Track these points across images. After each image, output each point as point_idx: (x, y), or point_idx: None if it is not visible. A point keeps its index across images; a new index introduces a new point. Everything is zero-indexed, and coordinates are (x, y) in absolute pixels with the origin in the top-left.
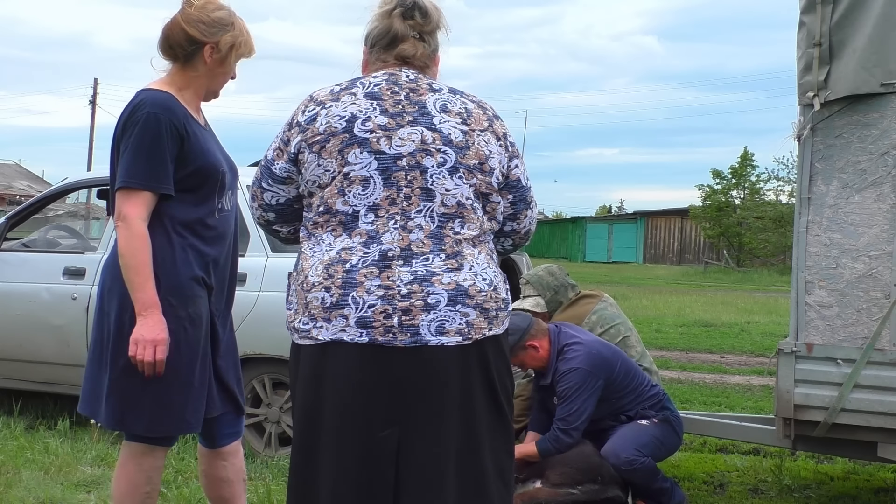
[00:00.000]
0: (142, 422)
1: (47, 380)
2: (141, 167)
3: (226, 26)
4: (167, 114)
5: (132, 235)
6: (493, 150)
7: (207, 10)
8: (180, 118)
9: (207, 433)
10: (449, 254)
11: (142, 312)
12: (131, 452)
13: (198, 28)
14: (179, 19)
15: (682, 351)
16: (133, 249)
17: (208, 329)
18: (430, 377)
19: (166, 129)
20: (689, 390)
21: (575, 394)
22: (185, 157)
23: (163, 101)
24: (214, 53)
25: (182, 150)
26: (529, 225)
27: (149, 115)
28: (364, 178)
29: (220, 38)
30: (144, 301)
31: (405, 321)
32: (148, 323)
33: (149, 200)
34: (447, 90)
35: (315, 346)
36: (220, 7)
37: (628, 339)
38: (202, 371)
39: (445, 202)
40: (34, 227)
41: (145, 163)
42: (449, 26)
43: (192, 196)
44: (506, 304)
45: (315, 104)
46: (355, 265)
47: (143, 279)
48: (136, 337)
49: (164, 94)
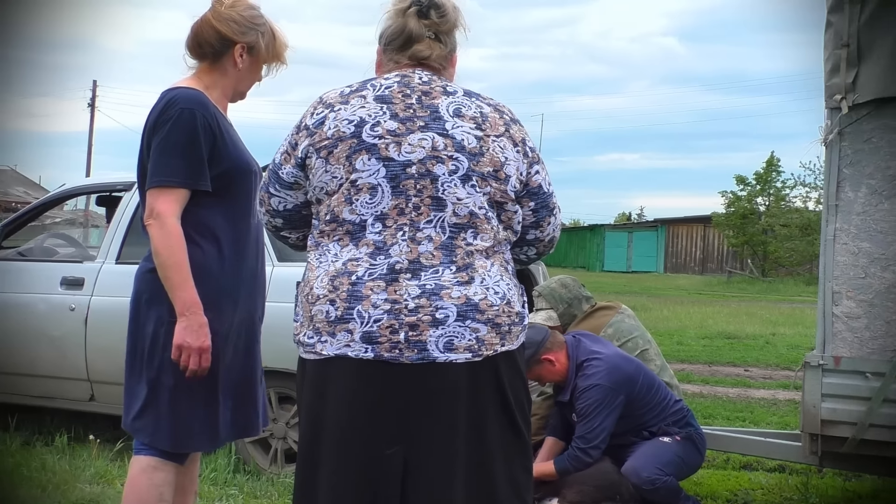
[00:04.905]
0: (170, 437)
1: (44, 394)
2: (175, 164)
3: (257, 26)
4: (201, 109)
5: (167, 233)
6: (510, 156)
7: (239, 8)
8: (213, 115)
9: None
10: (460, 266)
11: (184, 313)
12: (142, 467)
13: (229, 26)
14: (210, 17)
15: (704, 364)
16: (170, 247)
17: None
18: (438, 395)
19: (201, 126)
20: (711, 405)
21: (595, 411)
22: (216, 156)
23: (195, 98)
24: (244, 53)
25: (214, 148)
26: (553, 232)
27: (182, 111)
28: (372, 185)
29: (250, 37)
30: (185, 300)
31: (412, 337)
32: (192, 326)
33: (182, 198)
34: (462, 93)
35: (319, 361)
36: (251, 7)
37: (647, 353)
38: (231, 388)
39: (457, 212)
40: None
41: (180, 159)
42: (467, 25)
43: (223, 200)
44: (520, 318)
45: (324, 107)
46: (361, 277)
47: (183, 277)
48: (181, 342)
49: (196, 91)
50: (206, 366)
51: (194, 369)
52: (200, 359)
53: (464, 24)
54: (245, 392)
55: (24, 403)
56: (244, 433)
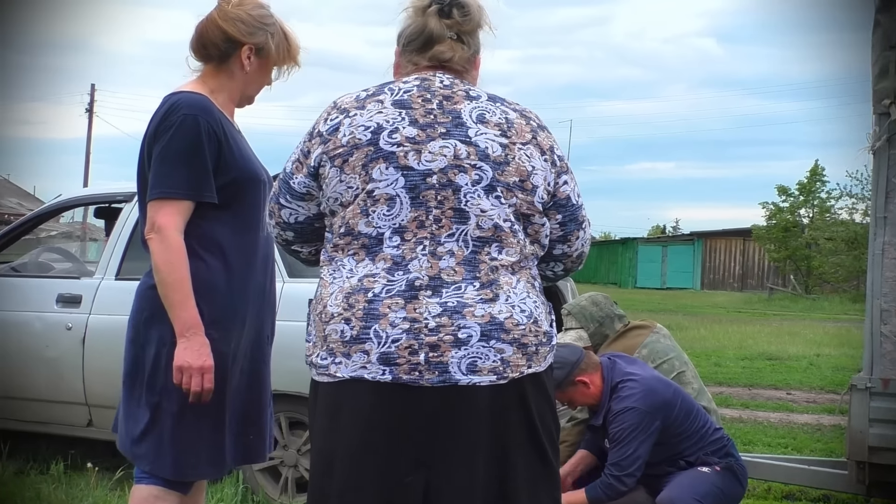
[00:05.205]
0: (173, 465)
1: (39, 419)
2: (179, 174)
3: (266, 26)
4: (206, 115)
5: (169, 248)
6: (537, 165)
7: (246, 7)
8: (218, 121)
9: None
10: (483, 282)
11: (184, 334)
12: (143, 497)
13: (235, 26)
14: (215, 16)
15: (744, 387)
16: (171, 263)
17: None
18: (459, 420)
19: (205, 132)
20: (751, 430)
21: (630, 436)
22: (222, 165)
23: (199, 103)
24: (252, 55)
25: (219, 157)
26: (582, 247)
27: (185, 116)
28: (389, 196)
29: (259, 38)
30: (186, 321)
31: (433, 358)
32: (192, 346)
33: (185, 210)
34: (486, 97)
35: (333, 384)
36: (260, 5)
37: (683, 375)
38: (237, 412)
39: (481, 224)
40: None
41: (183, 169)
42: (493, 24)
43: (230, 212)
44: (548, 337)
45: (338, 112)
46: (378, 295)
47: (184, 296)
48: (181, 364)
49: (200, 95)
50: (209, 387)
51: (197, 391)
52: (203, 379)
53: (489, 24)
54: (253, 416)
55: (18, 429)
56: (250, 459)
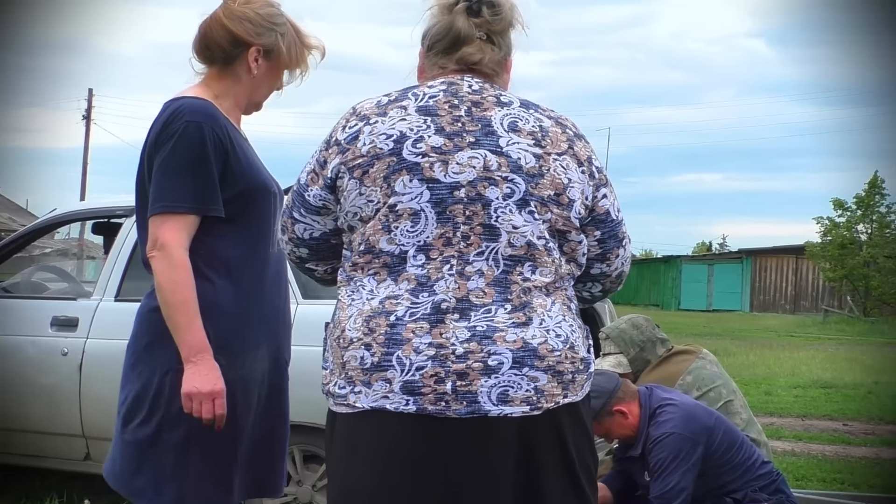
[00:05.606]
0: (176, 501)
1: (33, 452)
2: (182, 186)
3: (276, 26)
4: (210, 122)
5: (173, 266)
6: (574, 177)
7: (254, 5)
8: (224, 129)
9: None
10: (515, 305)
11: (191, 358)
12: None
13: (242, 25)
14: (220, 15)
15: (796, 417)
16: (175, 283)
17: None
18: (489, 454)
19: (210, 141)
20: (805, 464)
21: (672, 464)
22: (229, 176)
23: (203, 109)
24: (260, 57)
25: (226, 167)
26: (622, 266)
27: (189, 124)
28: (414, 211)
29: (267, 39)
30: (193, 344)
31: (461, 387)
32: (201, 371)
33: (191, 225)
34: (518, 104)
35: (352, 415)
36: (269, 4)
37: (731, 405)
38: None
39: (513, 242)
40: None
41: (187, 181)
42: (525, 23)
43: (238, 227)
44: (585, 365)
45: (358, 119)
46: (401, 318)
47: (190, 318)
48: (189, 390)
49: (204, 101)
50: (221, 413)
51: (209, 417)
52: (214, 405)
53: (521, 22)
54: (267, 448)
55: (10, 463)
56: (262, 494)
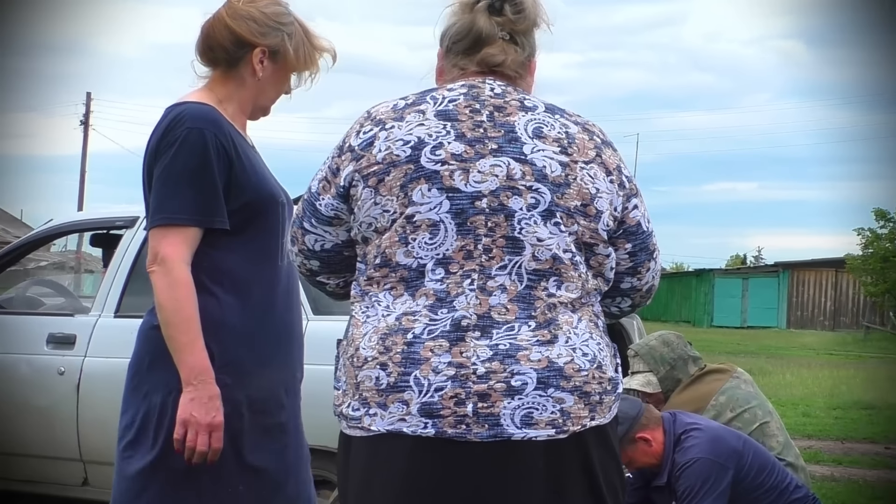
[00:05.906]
0: None
1: (28, 477)
2: (184, 197)
3: (283, 26)
4: (213, 128)
5: (174, 283)
6: (602, 187)
7: (259, 4)
8: (228, 135)
9: None
10: (540, 322)
11: (191, 381)
12: None
13: (246, 25)
14: (224, 14)
15: (836, 440)
16: (176, 301)
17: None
18: (513, 480)
19: (214, 148)
20: (845, 490)
21: (701, 491)
22: (234, 185)
23: (206, 114)
24: (265, 59)
25: (231, 176)
26: (652, 280)
27: (190, 131)
28: (432, 222)
29: (273, 39)
30: (194, 366)
31: (482, 409)
32: (200, 398)
33: (193, 239)
34: (543, 108)
35: (367, 439)
36: (275, 2)
37: (767, 427)
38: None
39: (537, 255)
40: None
41: (189, 191)
42: (550, 21)
43: (244, 239)
44: (613, 385)
45: (373, 124)
46: (419, 336)
47: (191, 338)
48: (186, 417)
49: (207, 106)
50: (216, 447)
51: (203, 451)
52: (210, 438)
53: (546, 21)
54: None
55: (4, 488)
56: None
